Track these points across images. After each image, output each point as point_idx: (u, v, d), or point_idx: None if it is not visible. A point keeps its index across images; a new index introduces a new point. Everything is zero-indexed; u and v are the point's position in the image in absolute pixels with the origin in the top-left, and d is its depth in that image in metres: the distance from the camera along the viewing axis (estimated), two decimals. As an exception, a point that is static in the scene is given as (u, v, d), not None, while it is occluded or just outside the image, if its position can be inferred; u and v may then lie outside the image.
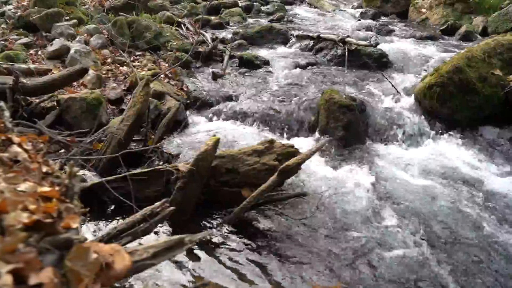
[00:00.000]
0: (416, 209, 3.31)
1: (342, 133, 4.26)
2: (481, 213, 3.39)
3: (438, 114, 4.80)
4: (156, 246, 1.69)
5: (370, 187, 3.52)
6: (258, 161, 3.24)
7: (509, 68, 5.13)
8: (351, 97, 4.49)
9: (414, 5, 10.21)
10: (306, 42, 7.21)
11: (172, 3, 10.14)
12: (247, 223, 3.04)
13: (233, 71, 6.09)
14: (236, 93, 5.37)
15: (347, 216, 3.11)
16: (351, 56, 6.41)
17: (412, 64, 6.52)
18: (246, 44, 7.17)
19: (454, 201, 3.50)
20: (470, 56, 5.02)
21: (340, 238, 2.89)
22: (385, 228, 3.03)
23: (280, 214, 3.07)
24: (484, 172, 4.05)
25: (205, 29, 8.20)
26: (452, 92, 4.76)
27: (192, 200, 3.08)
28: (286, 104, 5.00)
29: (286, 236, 2.90)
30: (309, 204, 3.19)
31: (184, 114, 4.74)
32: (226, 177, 3.24)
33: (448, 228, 3.16)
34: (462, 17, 9.21)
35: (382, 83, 5.68)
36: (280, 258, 2.73)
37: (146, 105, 3.77)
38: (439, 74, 4.87)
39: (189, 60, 6.07)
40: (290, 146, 3.32)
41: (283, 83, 5.65)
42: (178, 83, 5.51)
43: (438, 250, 2.90)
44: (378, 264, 2.68)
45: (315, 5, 11.51)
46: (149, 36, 6.37)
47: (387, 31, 8.39)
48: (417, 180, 3.80)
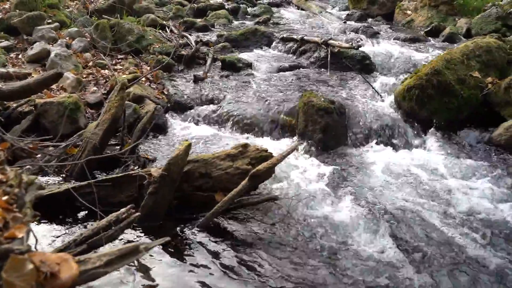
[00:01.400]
0: (390, 212, 3.31)
1: (320, 136, 4.26)
2: (456, 215, 3.40)
3: (417, 116, 4.83)
4: (110, 254, 1.69)
5: (345, 190, 3.53)
6: (231, 165, 3.24)
7: (488, 70, 5.18)
8: (330, 99, 4.50)
9: (400, 7, 10.26)
10: (290, 44, 7.22)
11: (158, 6, 10.13)
12: (219, 228, 3.03)
13: (215, 74, 6.08)
14: (217, 97, 5.37)
15: (318, 220, 3.11)
16: (334, 58, 6.42)
17: (395, 66, 6.54)
18: (230, 47, 7.16)
19: (430, 203, 3.51)
20: (449, 59, 5.06)
21: (309, 243, 2.89)
22: (356, 232, 3.03)
23: (252, 218, 3.06)
24: (462, 173, 4.06)
25: (190, 31, 8.20)
26: (431, 94, 4.79)
27: (164, 204, 3.07)
28: (267, 107, 5.00)
29: (256, 241, 2.90)
30: (281, 208, 3.19)
31: (163, 118, 4.73)
32: (200, 181, 3.24)
33: (423, 232, 3.16)
34: (447, 19, 9.26)
35: (364, 85, 5.70)
36: (250, 262, 2.72)
37: (121, 110, 3.75)
38: (418, 76, 4.90)
39: (171, 63, 6.06)
40: (263, 150, 3.33)
41: (265, 86, 5.64)
42: (159, 86, 5.50)
43: (409, 254, 2.90)
44: (346, 268, 2.69)
45: (302, 7, 11.54)
46: (131, 39, 6.35)
47: (372, 33, 8.41)
48: (394, 182, 3.80)
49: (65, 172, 3.74)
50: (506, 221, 3.31)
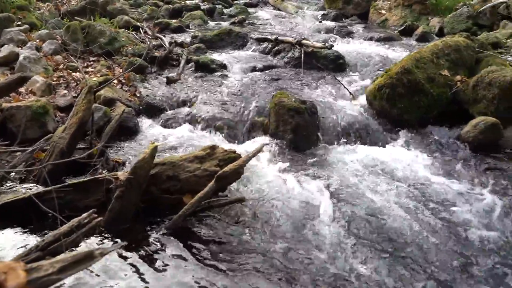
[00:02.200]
0: (359, 211, 3.33)
1: (291, 136, 4.27)
2: (427, 212, 3.43)
3: (388, 115, 4.88)
4: (63, 261, 1.66)
5: (314, 190, 3.54)
6: (199, 167, 3.23)
7: (457, 68, 5.26)
8: (301, 100, 4.51)
9: (374, 6, 10.37)
10: (265, 44, 7.23)
11: (133, 7, 10.05)
12: (187, 230, 3.01)
13: (189, 75, 6.06)
14: (190, 98, 5.34)
15: (285, 221, 3.12)
16: (308, 58, 6.45)
17: (368, 65, 6.59)
18: (205, 48, 7.13)
19: (401, 201, 3.53)
20: (418, 58, 5.12)
21: (276, 243, 2.90)
22: (324, 231, 3.05)
23: (219, 220, 3.05)
24: (432, 170, 4.11)
25: (164, 33, 8.16)
26: (401, 93, 4.84)
27: (131, 208, 3.04)
28: (239, 108, 5.00)
29: (223, 242, 2.89)
30: (249, 209, 3.19)
31: (134, 120, 4.69)
32: (167, 184, 3.22)
33: (392, 230, 3.18)
34: (420, 18, 9.40)
35: (337, 85, 5.73)
36: (217, 263, 2.72)
37: (89, 113, 3.71)
38: (389, 75, 4.95)
39: (144, 65, 6.01)
40: (231, 151, 3.32)
41: (239, 87, 5.63)
42: (132, 88, 5.45)
43: (380, 254, 2.92)
44: (311, 267, 2.70)
45: (279, 7, 11.58)
46: (103, 41, 6.28)
47: (346, 32, 8.49)
48: (364, 181, 3.82)
49: (32, 177, 3.69)
50: (470, 216, 3.36)
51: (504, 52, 6.93)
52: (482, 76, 4.84)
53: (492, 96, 4.69)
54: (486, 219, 3.38)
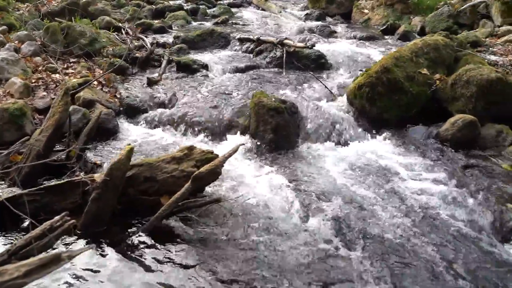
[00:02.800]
0: (337, 209, 3.34)
1: (271, 136, 4.28)
2: (405, 208, 3.45)
3: (368, 114, 4.91)
4: (29, 264, 1.65)
5: (293, 189, 3.55)
6: (176, 168, 3.22)
7: (436, 67, 5.32)
8: (281, 99, 4.53)
9: (357, 6, 10.43)
10: (247, 44, 7.22)
11: (115, 7, 9.98)
12: (164, 231, 3.01)
13: (170, 76, 6.03)
14: (171, 99, 5.32)
15: (263, 221, 3.12)
16: (290, 58, 6.46)
17: (350, 65, 6.63)
18: (187, 48, 7.11)
19: (378, 199, 3.56)
20: (398, 56, 5.17)
21: (253, 244, 2.90)
22: (302, 229, 3.06)
23: (196, 221, 3.05)
24: (410, 168, 4.14)
25: (147, 33, 8.11)
26: (381, 92, 4.88)
27: (108, 210, 3.02)
28: (220, 109, 4.99)
29: (200, 243, 2.89)
30: (227, 209, 3.19)
31: (114, 121, 4.65)
32: (145, 185, 3.21)
33: (370, 224, 3.20)
34: (402, 17, 9.48)
35: (318, 84, 5.75)
36: (194, 265, 2.72)
37: (65, 115, 3.67)
38: (368, 74, 4.99)
39: (125, 66, 5.97)
40: (209, 152, 3.32)
41: (220, 87, 5.63)
42: (112, 90, 5.41)
43: (355, 252, 2.92)
44: (289, 266, 2.71)
45: (262, 7, 11.58)
46: (83, 42, 6.22)
47: (329, 32, 8.52)
48: (343, 180, 3.84)
49: (8, 180, 3.64)
50: (447, 212, 3.40)
51: (483, 50, 7.02)
52: (460, 75, 4.90)
53: (470, 94, 4.75)
54: (463, 214, 3.42)
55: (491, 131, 4.57)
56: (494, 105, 4.72)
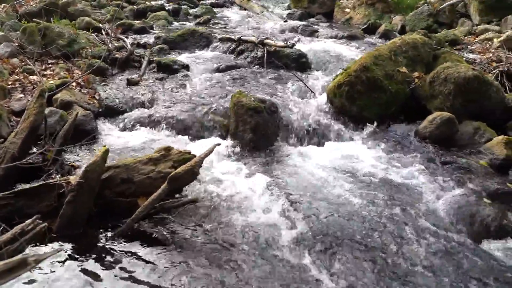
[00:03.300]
0: (315, 208, 3.35)
1: (250, 136, 4.27)
2: (383, 205, 3.47)
3: (348, 112, 4.93)
4: (-6, 269, 1.61)
5: (271, 189, 3.54)
6: (153, 169, 3.19)
7: (414, 65, 5.37)
8: (260, 99, 4.52)
9: (339, 5, 10.49)
10: (228, 44, 7.20)
11: (96, 8, 9.88)
12: (141, 233, 2.99)
13: (150, 77, 5.99)
14: (151, 100, 5.28)
15: (239, 221, 3.11)
16: (272, 57, 6.46)
17: (331, 64, 6.63)
18: (168, 49, 7.07)
19: (357, 197, 3.57)
20: (377, 55, 5.20)
21: (229, 244, 2.89)
22: (277, 229, 3.06)
23: (173, 222, 3.04)
24: (389, 166, 4.17)
25: (127, 34, 8.03)
26: (360, 90, 4.90)
27: (84, 213, 2.99)
28: (201, 109, 4.97)
29: (177, 244, 2.88)
30: (204, 210, 3.18)
31: (93, 123, 4.60)
32: (122, 187, 3.18)
33: (348, 225, 3.21)
34: (383, 17, 9.55)
35: (299, 84, 5.76)
36: (171, 265, 2.70)
37: (41, 117, 3.62)
38: (348, 73, 5.01)
39: (104, 66, 5.91)
40: (186, 152, 3.30)
41: (201, 87, 5.61)
42: (91, 91, 5.34)
43: (337, 250, 2.93)
44: (264, 267, 2.70)
45: (245, 7, 11.57)
46: (62, 43, 6.15)
47: (310, 31, 8.54)
48: (323, 179, 3.84)
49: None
50: (423, 209, 3.43)
51: (462, 48, 7.11)
52: (438, 72, 4.95)
53: (448, 92, 4.80)
54: (440, 210, 3.46)
55: (469, 128, 4.63)
56: (471, 102, 4.78)
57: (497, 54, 6.52)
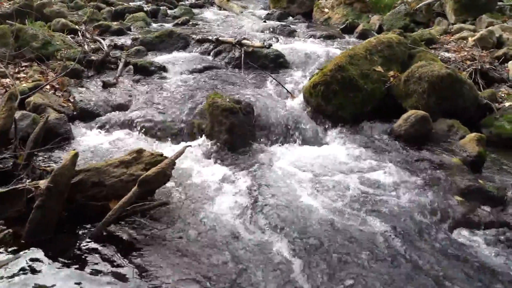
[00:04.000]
0: (288, 209, 3.33)
1: (226, 136, 4.26)
2: (359, 207, 3.47)
3: (324, 112, 4.94)
4: None
5: (245, 190, 3.53)
6: (125, 172, 3.16)
7: (390, 64, 5.42)
8: (236, 99, 4.51)
9: (318, 5, 10.54)
10: (206, 45, 7.17)
11: (73, 9, 9.77)
12: (112, 237, 2.94)
13: (127, 78, 5.93)
14: (127, 102, 5.24)
15: (211, 223, 3.10)
16: (249, 58, 6.45)
17: (309, 63, 6.64)
18: (145, 50, 7.01)
19: (330, 197, 3.57)
20: (352, 54, 5.23)
21: (201, 246, 2.88)
22: (250, 231, 3.05)
23: (144, 225, 3.01)
24: (364, 165, 4.18)
25: (104, 35, 7.95)
26: (336, 90, 4.92)
27: (53, 217, 2.94)
28: (177, 110, 4.94)
29: (147, 248, 2.84)
30: (176, 212, 3.15)
31: (66, 126, 4.54)
32: (93, 190, 3.13)
33: (322, 226, 3.19)
34: (361, 16, 9.64)
35: (276, 84, 5.76)
36: (142, 269, 2.67)
37: (10, 121, 3.56)
38: (323, 73, 5.03)
39: (80, 69, 5.84)
40: (158, 154, 3.28)
41: (178, 89, 5.56)
42: (65, 94, 5.28)
43: (303, 256, 2.90)
44: (235, 269, 2.70)
45: (224, 7, 11.56)
46: (36, 45, 6.06)
47: (289, 31, 8.57)
48: (297, 179, 3.83)
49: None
50: (395, 207, 3.45)
51: (438, 47, 7.21)
52: (413, 71, 5.00)
53: (422, 90, 4.86)
54: (413, 207, 3.48)
55: (443, 126, 4.70)
56: (445, 100, 4.85)
57: (471, 52, 6.64)
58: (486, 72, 5.98)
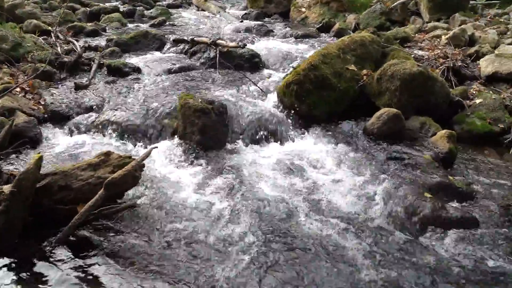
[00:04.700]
0: (260, 207, 3.34)
1: (198, 137, 4.23)
2: (328, 205, 3.49)
3: (298, 111, 4.94)
4: None
5: (215, 191, 3.53)
6: (92, 175, 3.12)
7: (363, 63, 5.45)
8: (208, 100, 4.49)
9: (295, 5, 10.56)
10: (182, 46, 7.14)
11: (47, 10, 9.62)
12: (79, 241, 2.90)
13: (100, 80, 5.85)
14: (99, 104, 5.17)
15: (180, 225, 3.08)
16: (224, 58, 6.44)
17: (284, 63, 6.67)
18: (120, 51, 6.94)
19: (301, 197, 3.57)
20: (325, 53, 5.25)
21: (168, 249, 2.86)
22: (217, 231, 3.04)
23: (112, 228, 2.97)
24: (336, 163, 4.19)
25: (78, 37, 7.87)
26: (309, 89, 4.93)
27: (18, 223, 2.88)
28: (151, 112, 4.87)
29: (114, 251, 2.81)
30: (145, 214, 3.13)
31: (36, 129, 4.46)
32: (60, 194, 3.08)
33: (293, 225, 3.19)
34: (337, 15, 9.68)
35: (250, 84, 5.75)
36: (107, 273, 2.64)
37: (-26, 125, 3.48)
38: (296, 72, 5.04)
39: (51, 71, 5.75)
40: (127, 157, 3.24)
41: (152, 90, 5.52)
42: (36, 96, 5.19)
43: (281, 252, 2.92)
44: (202, 270, 2.68)
45: (202, 7, 11.51)
46: (6, 47, 5.94)
47: (266, 31, 8.57)
48: (269, 179, 3.83)
49: None
50: (365, 203, 3.48)
51: (412, 46, 7.27)
52: (385, 69, 5.04)
53: (395, 88, 4.90)
54: (382, 203, 3.51)
55: (415, 123, 4.74)
56: (417, 98, 4.90)
57: (444, 50, 6.71)
58: (458, 70, 6.06)
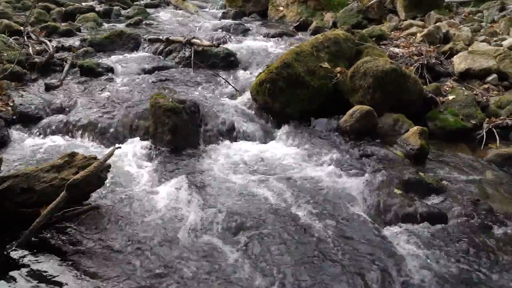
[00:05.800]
0: (231, 207, 3.30)
1: (169, 137, 4.18)
2: (298, 203, 3.46)
3: (271, 109, 4.93)
4: None
5: (184, 191, 3.47)
6: (56, 176, 3.05)
7: (337, 60, 5.44)
8: (180, 99, 4.44)
9: (273, 3, 10.55)
10: (157, 45, 7.07)
11: (20, 10, 9.45)
12: (41, 244, 2.84)
13: (72, 81, 5.76)
14: (70, 105, 5.08)
15: (146, 227, 3.03)
16: (199, 57, 6.40)
17: (260, 62, 6.64)
18: (94, 51, 6.84)
19: (273, 196, 3.54)
20: (299, 51, 5.23)
21: (132, 251, 2.81)
22: (184, 232, 3.00)
23: (75, 230, 2.91)
24: (308, 161, 4.19)
25: (52, 37, 7.73)
26: (282, 87, 4.91)
27: (-23, 227, 2.81)
28: (123, 112, 4.81)
29: (77, 253, 2.76)
30: (110, 216, 3.07)
31: (3, 131, 4.36)
32: (22, 197, 3.01)
33: (263, 225, 3.16)
34: (315, 14, 9.70)
35: (225, 83, 5.72)
36: (70, 276, 2.59)
37: None
38: (269, 70, 5.01)
39: (21, 71, 5.64)
40: (92, 158, 3.18)
41: (124, 90, 5.45)
42: (4, 98, 5.07)
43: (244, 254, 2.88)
44: (169, 270, 2.64)
45: (180, 7, 11.43)
46: (-26, 48, 5.82)
47: (243, 30, 8.54)
48: (240, 178, 3.78)
49: None
50: (337, 200, 3.48)
51: (388, 43, 7.32)
52: (358, 67, 5.04)
53: (368, 86, 4.90)
54: (353, 200, 3.52)
55: (389, 120, 4.75)
56: (390, 95, 4.90)
57: (419, 48, 6.76)
58: (433, 67, 6.10)
